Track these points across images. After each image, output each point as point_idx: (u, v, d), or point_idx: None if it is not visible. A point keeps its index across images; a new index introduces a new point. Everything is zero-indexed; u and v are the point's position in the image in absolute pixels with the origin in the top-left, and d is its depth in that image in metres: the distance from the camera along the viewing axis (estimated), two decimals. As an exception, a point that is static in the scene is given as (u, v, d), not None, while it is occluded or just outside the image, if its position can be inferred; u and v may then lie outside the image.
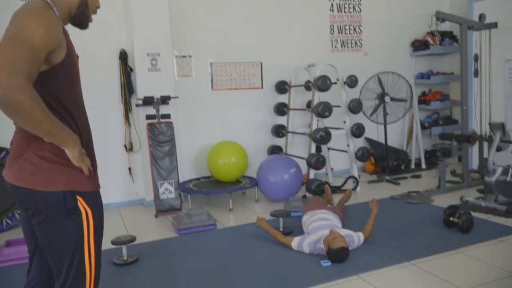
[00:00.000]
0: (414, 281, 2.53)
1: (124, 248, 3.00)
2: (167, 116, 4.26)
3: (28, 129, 1.25)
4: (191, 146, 4.78)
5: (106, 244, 3.28)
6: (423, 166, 5.79)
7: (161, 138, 4.19)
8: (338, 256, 2.74)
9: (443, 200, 4.12)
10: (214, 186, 4.38)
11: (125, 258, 3.00)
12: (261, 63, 5.08)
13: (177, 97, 4.49)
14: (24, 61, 1.18)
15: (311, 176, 4.52)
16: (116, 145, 4.40)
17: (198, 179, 4.73)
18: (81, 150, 1.37)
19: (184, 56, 4.70)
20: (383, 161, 5.40)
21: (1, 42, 1.19)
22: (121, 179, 4.42)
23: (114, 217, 4.16)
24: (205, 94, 4.83)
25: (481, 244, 3.01)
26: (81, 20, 1.45)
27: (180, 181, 4.57)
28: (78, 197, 1.39)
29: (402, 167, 5.73)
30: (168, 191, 4.19)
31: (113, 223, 3.97)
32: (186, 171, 4.81)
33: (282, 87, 5.08)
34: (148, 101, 4.22)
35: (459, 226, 3.20)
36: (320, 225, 3.09)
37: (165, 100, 4.30)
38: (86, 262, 1.42)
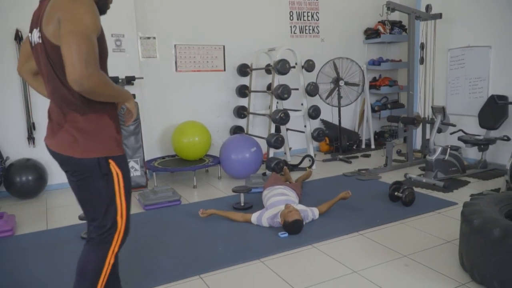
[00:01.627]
0: (362, 249, 2.65)
1: None
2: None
3: (103, 101, 1.52)
4: (156, 126, 4.70)
5: (73, 219, 3.25)
6: (373, 146, 5.98)
7: (126, 117, 4.11)
8: (293, 227, 2.83)
9: (389, 177, 4.30)
10: (178, 164, 4.36)
11: None
12: (224, 46, 5.03)
13: (142, 78, 4.38)
14: (90, 52, 1.39)
15: (271, 154, 4.58)
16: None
17: (163, 157, 4.68)
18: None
19: (149, 38, 4.57)
20: (337, 141, 5.54)
21: (66, 39, 1.38)
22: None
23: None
24: (170, 75, 4.75)
25: (422, 216, 3.19)
26: (103, 5, 1.64)
27: (146, 159, 4.51)
28: (110, 161, 1.59)
29: (354, 147, 5.89)
30: (134, 169, 4.14)
31: (78, 200, 3.88)
32: (152, 150, 4.75)
33: (243, 70, 5.06)
34: (113, 81, 4.10)
35: (402, 200, 3.36)
36: (277, 200, 3.16)
37: (130, 80, 4.19)
38: (118, 215, 1.64)
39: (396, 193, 3.45)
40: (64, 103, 1.55)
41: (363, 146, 5.98)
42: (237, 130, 5.10)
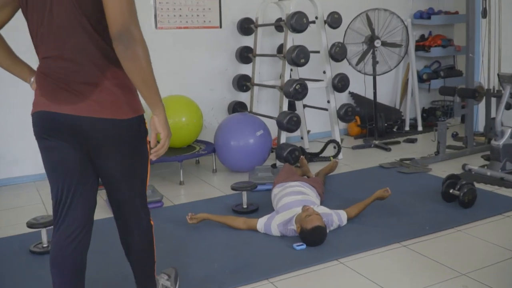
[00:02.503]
0: (405, 265, 2.64)
1: (43, 232, 2.95)
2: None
3: (135, 78, 1.68)
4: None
5: (20, 228, 3.25)
6: (420, 128, 5.95)
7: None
8: (313, 237, 2.82)
9: (442, 169, 4.28)
10: (159, 153, 4.36)
11: (45, 244, 2.95)
12: (220, -5, 5.00)
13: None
14: (133, 4, 1.64)
15: (283, 140, 4.57)
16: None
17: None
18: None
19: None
20: (371, 121, 5.52)
21: None
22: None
23: (29, 193, 4.08)
24: (147, 33, 4.67)
25: (485, 221, 3.17)
26: None
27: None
28: (144, 120, 1.85)
29: (394, 129, 5.88)
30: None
31: (28, 201, 3.90)
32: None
33: (246, 26, 5.01)
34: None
35: (459, 200, 3.34)
36: (292, 201, 3.15)
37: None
38: (147, 181, 1.94)
39: (451, 191, 3.43)
40: (100, 58, 1.72)
41: (407, 128, 5.94)
42: (237, 107, 5.08)
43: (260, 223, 3.06)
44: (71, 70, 1.73)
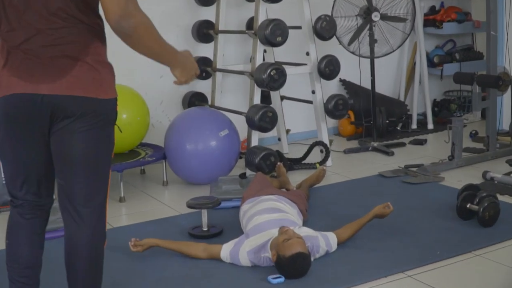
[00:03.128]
0: (410, 301, 2.70)
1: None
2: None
3: (144, 54, 2.09)
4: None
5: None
6: (430, 125, 6.04)
7: None
8: (294, 267, 2.85)
9: (458, 178, 4.35)
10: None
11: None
12: (171, -47, 5.00)
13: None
14: None
15: (255, 142, 4.59)
16: None
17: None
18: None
19: None
20: (369, 118, 5.57)
21: None
22: None
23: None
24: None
25: (510, 242, 3.24)
26: None
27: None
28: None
29: (398, 128, 5.94)
30: (13, 170, 4.11)
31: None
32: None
33: (205, -6, 5.04)
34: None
35: (479, 217, 3.40)
36: (266, 221, 3.18)
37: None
38: (109, 183, 2.21)
39: (468, 205, 3.50)
40: (81, 31, 2.00)
41: (414, 126, 6.03)
42: (195, 100, 5.08)
43: (225, 251, 3.08)
44: (48, 44, 1.98)
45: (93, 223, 2.17)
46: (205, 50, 5.22)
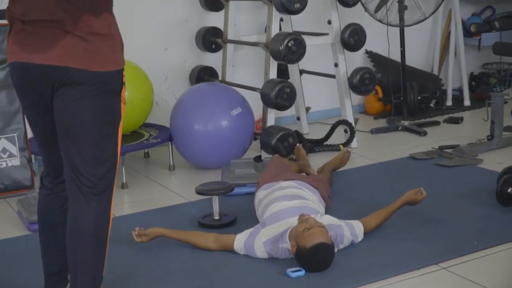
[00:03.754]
0: (445, 295, 2.71)
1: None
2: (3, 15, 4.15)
3: None
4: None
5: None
6: (466, 102, 6.04)
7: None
8: (315, 259, 2.86)
9: (498, 160, 4.35)
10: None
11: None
12: None
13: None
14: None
15: (271, 122, 4.60)
16: None
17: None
18: None
19: None
20: (399, 94, 5.57)
21: None
22: None
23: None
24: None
25: (558, 231, 3.25)
26: None
27: (30, 135, 4.45)
28: (123, 74, 2.34)
29: (431, 105, 5.93)
30: (7, 154, 4.15)
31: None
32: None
33: (215, -44, 5.03)
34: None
35: (522, 203, 3.43)
36: (284, 208, 3.19)
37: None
38: (118, 149, 2.37)
39: (510, 190, 3.50)
40: (77, 3, 2.18)
41: (449, 103, 6.02)
42: (204, 75, 5.09)
43: (239, 241, 3.10)
44: (42, 17, 2.18)
45: (100, 197, 2.32)
46: (214, 19, 5.22)
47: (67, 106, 2.25)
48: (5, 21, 4.05)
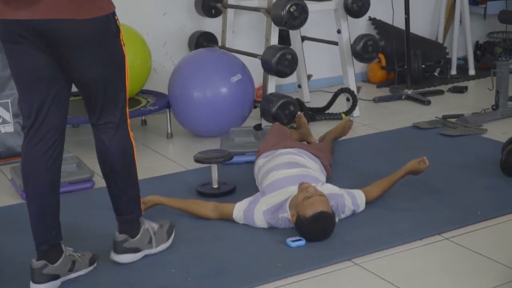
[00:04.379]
0: (448, 265, 2.70)
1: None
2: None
3: None
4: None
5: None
6: (471, 71, 6.01)
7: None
8: (316, 228, 2.86)
9: (503, 130, 4.36)
10: (87, 110, 4.36)
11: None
12: None
13: None
14: None
15: (271, 89, 4.58)
16: None
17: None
18: None
19: None
20: (402, 62, 5.54)
21: None
22: None
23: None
24: None
25: None
26: None
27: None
28: (116, 17, 2.50)
29: (436, 73, 5.91)
30: (0, 120, 4.17)
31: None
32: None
33: None
34: None
35: (527, 173, 3.42)
36: (284, 177, 3.19)
37: None
38: (127, 85, 2.65)
39: (515, 160, 3.50)
40: None
41: (453, 72, 6.00)
42: (203, 40, 5.07)
43: (238, 210, 3.10)
44: None
45: (121, 128, 2.64)
46: (214, -17, 5.17)
47: (75, 60, 2.43)
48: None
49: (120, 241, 2.71)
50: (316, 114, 4.81)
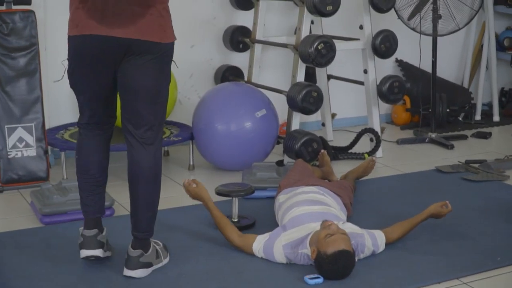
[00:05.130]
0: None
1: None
2: (26, 1, 4.19)
3: None
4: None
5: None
6: (496, 117, 6.00)
7: (12, 41, 4.14)
8: (336, 266, 2.85)
9: (526, 177, 4.35)
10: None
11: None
12: None
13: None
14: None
15: (295, 126, 4.59)
16: None
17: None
18: None
19: None
20: (427, 105, 5.53)
21: None
22: None
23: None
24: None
25: None
26: None
27: (48, 126, 4.54)
28: None
29: (460, 118, 5.91)
30: (24, 144, 4.18)
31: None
32: (60, 109, 4.78)
33: (247, -45, 5.05)
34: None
35: (550, 221, 3.41)
36: (306, 213, 3.19)
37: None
38: (166, 105, 2.96)
39: (538, 208, 3.49)
40: None
41: (478, 117, 5.99)
42: (229, 74, 5.10)
43: (258, 241, 3.11)
44: None
45: (155, 145, 2.86)
46: (243, 18, 5.23)
47: (135, 72, 2.74)
48: (26, 7, 4.20)
49: (136, 256, 2.86)
50: (339, 153, 4.82)
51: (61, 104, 4.80)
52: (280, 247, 3.04)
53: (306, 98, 4.34)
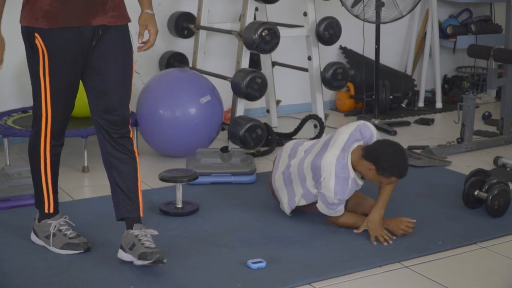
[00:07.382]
0: (406, 293, 2.74)
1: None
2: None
3: None
4: (15, 50, 4.59)
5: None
6: (438, 104, 6.10)
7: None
8: (402, 155, 3.20)
9: (466, 163, 4.42)
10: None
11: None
12: None
13: None
14: None
15: (240, 112, 4.61)
16: None
17: (24, 110, 4.65)
18: None
19: None
20: (371, 92, 5.60)
21: None
22: None
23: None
24: None
25: (521, 235, 3.31)
26: None
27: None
28: None
29: (403, 105, 5.99)
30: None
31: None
32: (4, 96, 4.73)
33: None
34: None
35: (487, 205, 3.46)
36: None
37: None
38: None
39: (476, 193, 3.56)
40: None
41: (421, 104, 6.09)
42: (174, 61, 5.10)
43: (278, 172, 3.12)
44: None
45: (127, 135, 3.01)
46: (188, 4, 5.22)
47: (106, 56, 2.83)
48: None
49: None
50: (283, 139, 4.83)
51: (3, 92, 4.72)
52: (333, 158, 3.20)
53: (251, 85, 4.35)
